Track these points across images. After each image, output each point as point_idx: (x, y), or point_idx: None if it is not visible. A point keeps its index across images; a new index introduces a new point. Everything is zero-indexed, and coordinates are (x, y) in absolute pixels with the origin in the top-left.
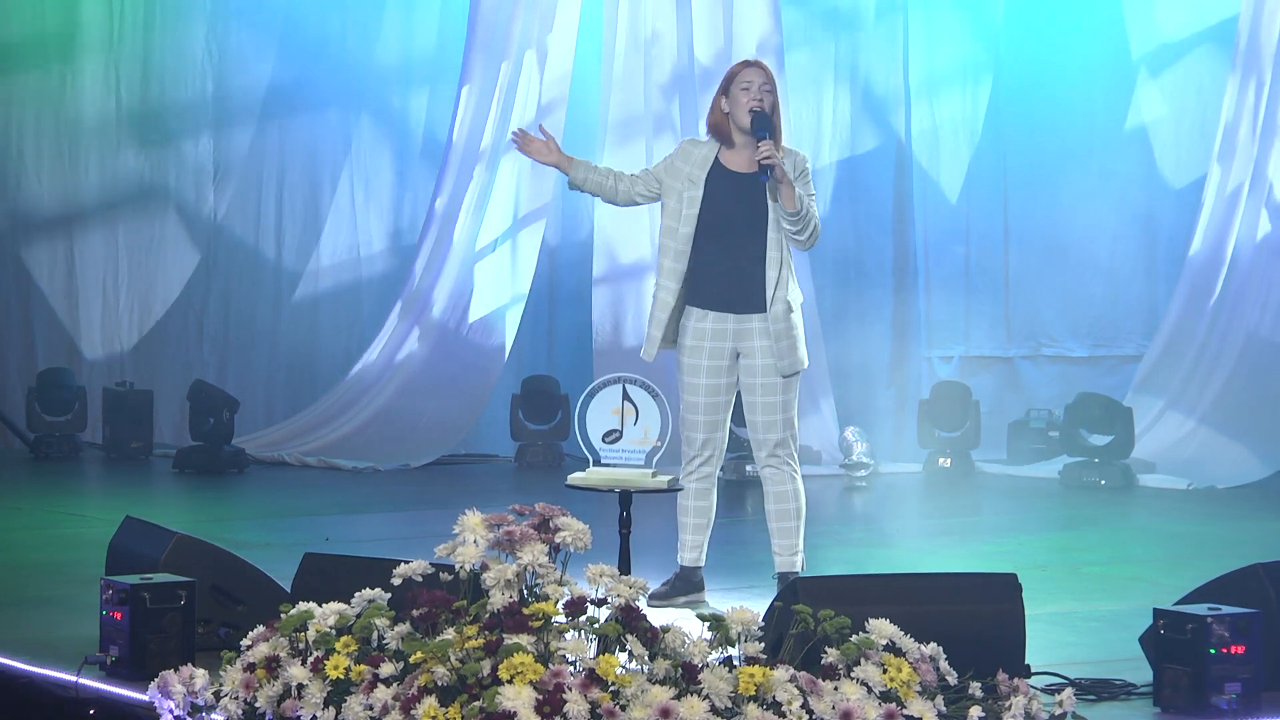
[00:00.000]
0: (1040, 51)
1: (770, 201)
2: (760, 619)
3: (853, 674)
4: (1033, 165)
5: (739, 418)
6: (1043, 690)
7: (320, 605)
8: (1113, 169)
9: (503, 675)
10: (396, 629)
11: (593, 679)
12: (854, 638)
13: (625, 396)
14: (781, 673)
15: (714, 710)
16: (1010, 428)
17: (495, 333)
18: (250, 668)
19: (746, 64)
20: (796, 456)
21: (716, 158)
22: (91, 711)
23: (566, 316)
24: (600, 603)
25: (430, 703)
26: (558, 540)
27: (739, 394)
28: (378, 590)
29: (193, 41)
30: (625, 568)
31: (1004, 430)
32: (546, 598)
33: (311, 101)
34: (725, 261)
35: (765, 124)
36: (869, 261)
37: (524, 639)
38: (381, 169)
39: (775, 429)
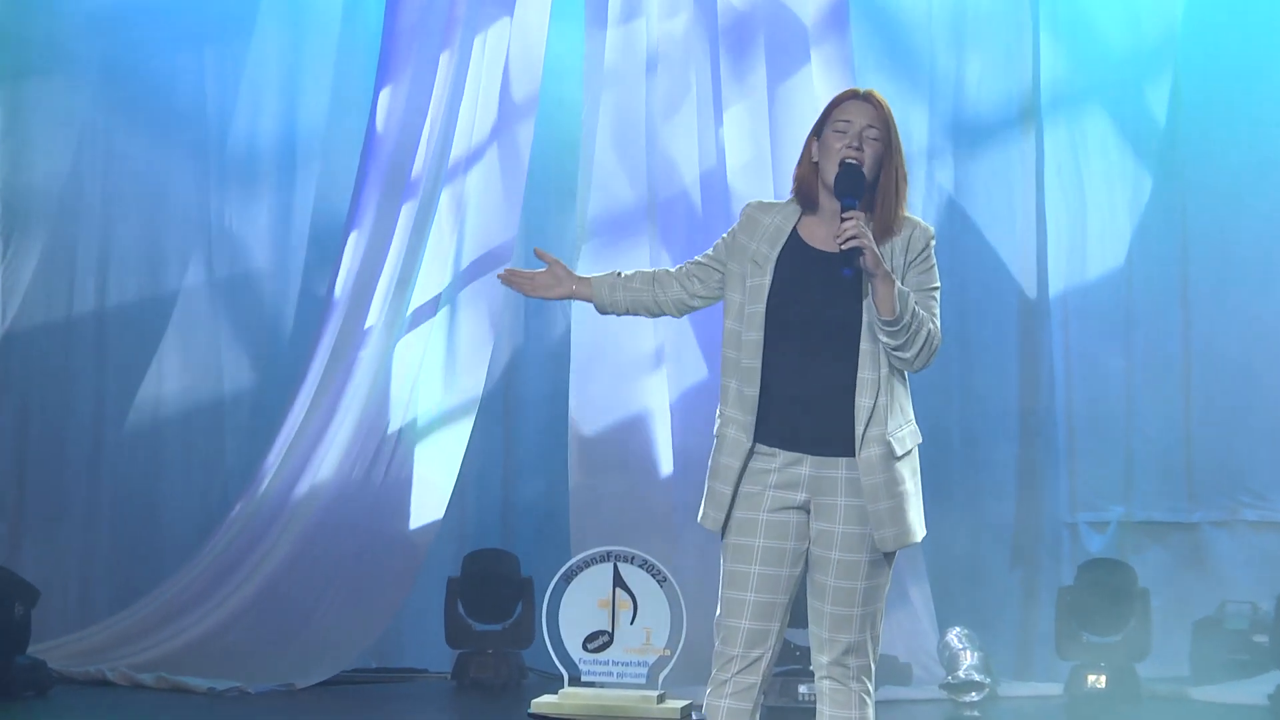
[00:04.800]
0: (1237, 57)
1: (865, 299)
2: None
3: None
4: (1228, 233)
5: (797, 614)
6: None
7: None
8: None
9: None
10: None
11: None
12: None
13: (618, 581)
14: None
15: None
16: (1195, 629)
17: (421, 499)
18: None
19: (850, 95)
20: (873, 673)
21: (795, 229)
22: None
23: (529, 457)
24: None
25: None
26: None
27: (805, 573)
28: None
29: None
30: None
31: (1186, 633)
32: None
33: (154, 128)
34: (800, 381)
35: (854, 185)
36: (981, 379)
37: None
38: (252, 235)
39: (849, 628)
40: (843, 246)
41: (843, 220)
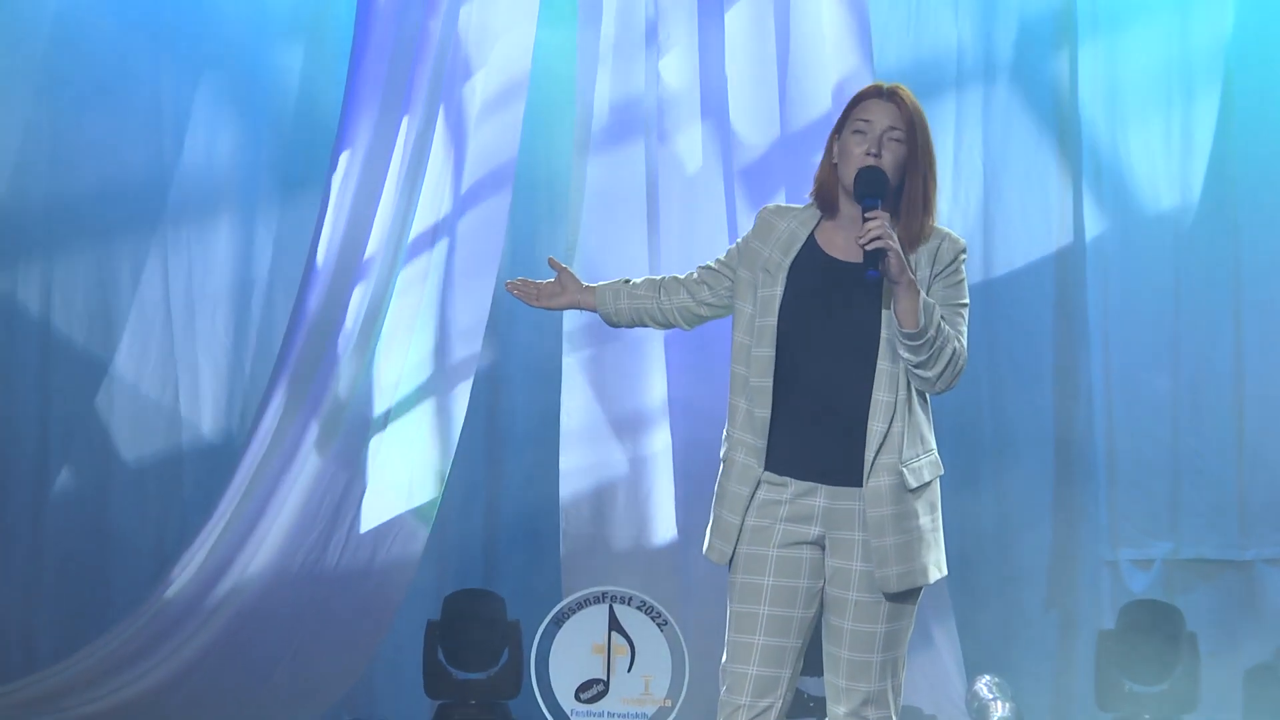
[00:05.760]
0: None
1: (885, 310)
2: None
3: None
4: None
5: (812, 660)
6: None
7: None
8: None
9: None
10: None
11: None
12: None
13: (614, 624)
14: None
15: None
16: (1248, 677)
17: (398, 533)
18: None
19: (873, 92)
20: None
21: (812, 235)
22: None
23: (516, 488)
24: None
25: None
26: None
27: (820, 615)
28: None
29: None
30: None
31: (1238, 681)
32: None
33: (106, 143)
34: (810, 402)
35: (876, 187)
36: (1014, 405)
37: None
38: (215, 243)
39: (868, 675)
40: (866, 246)
41: (865, 219)
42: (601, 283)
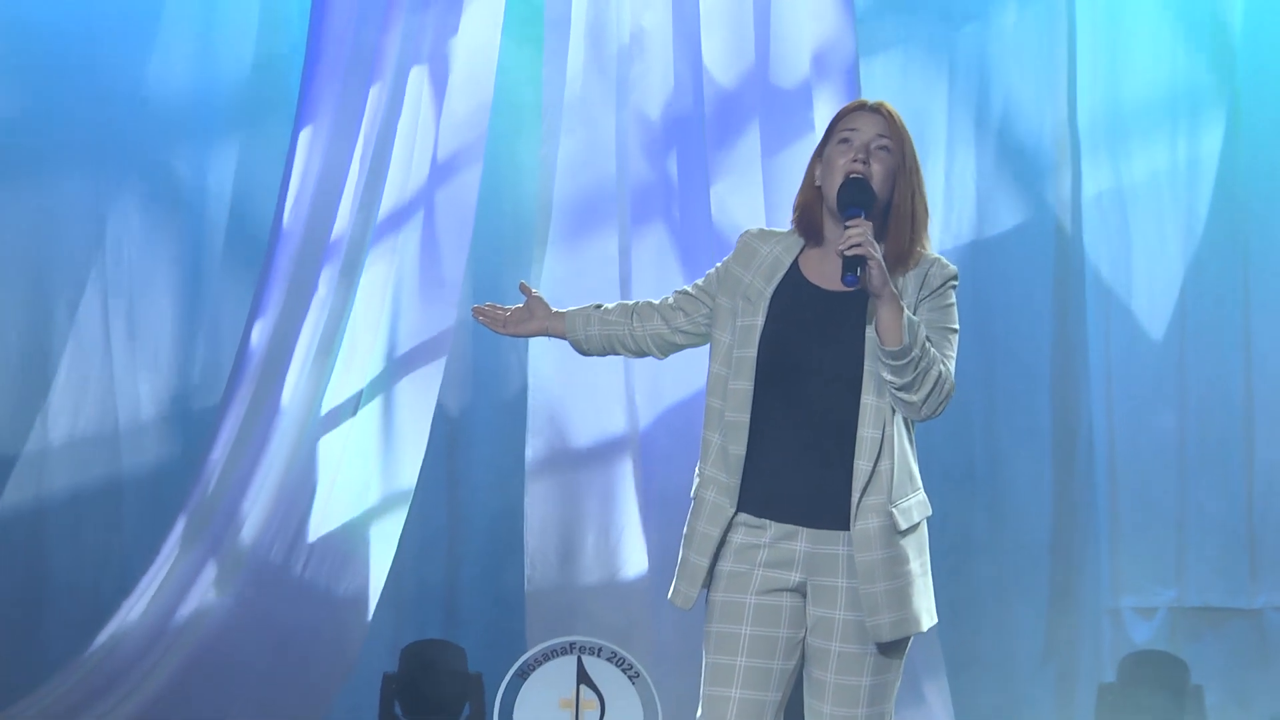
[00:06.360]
0: None
1: (868, 326)
2: None
3: None
4: None
5: (793, 715)
6: None
7: None
8: None
9: None
10: None
11: None
12: None
13: (582, 677)
14: None
15: None
16: None
17: (354, 565)
18: None
19: (856, 106)
20: None
21: (795, 263)
22: None
23: (479, 528)
24: None
25: None
26: None
27: (800, 667)
28: None
29: None
30: None
31: None
32: None
33: (34, 160)
34: (791, 439)
35: (860, 198)
36: (1007, 434)
37: None
38: (157, 276)
39: None
40: (846, 252)
41: (846, 227)
42: (571, 308)
